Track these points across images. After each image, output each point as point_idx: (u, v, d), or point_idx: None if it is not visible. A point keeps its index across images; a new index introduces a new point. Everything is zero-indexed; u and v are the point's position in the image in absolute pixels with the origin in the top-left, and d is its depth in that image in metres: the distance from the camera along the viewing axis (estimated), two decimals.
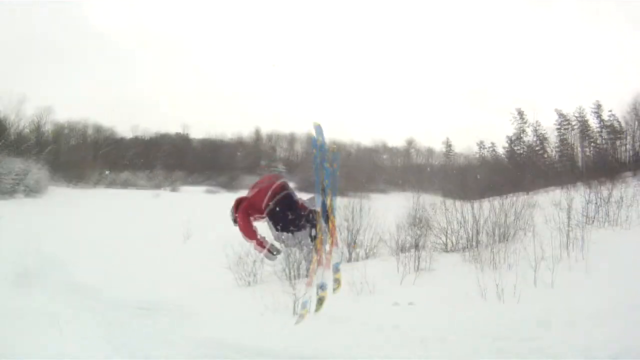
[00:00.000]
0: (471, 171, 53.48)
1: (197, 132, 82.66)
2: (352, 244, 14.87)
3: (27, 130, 47.74)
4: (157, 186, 52.97)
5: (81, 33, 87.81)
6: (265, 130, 74.09)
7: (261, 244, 4.48)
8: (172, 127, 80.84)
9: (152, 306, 10.63)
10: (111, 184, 49.97)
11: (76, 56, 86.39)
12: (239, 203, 4.69)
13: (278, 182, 4.61)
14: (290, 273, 12.02)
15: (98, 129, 60.76)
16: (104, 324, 9.10)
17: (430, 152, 73.87)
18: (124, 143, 62.69)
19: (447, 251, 13.76)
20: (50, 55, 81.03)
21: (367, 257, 14.73)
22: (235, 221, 4.64)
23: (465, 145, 76.77)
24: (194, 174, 61.47)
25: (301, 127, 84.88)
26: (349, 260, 14.41)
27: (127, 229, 24.85)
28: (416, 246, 13.21)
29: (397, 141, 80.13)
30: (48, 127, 51.56)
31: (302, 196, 4.93)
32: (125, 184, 51.27)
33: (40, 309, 9.65)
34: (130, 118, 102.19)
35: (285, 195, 4.54)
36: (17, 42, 70.94)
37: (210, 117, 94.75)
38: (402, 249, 13.43)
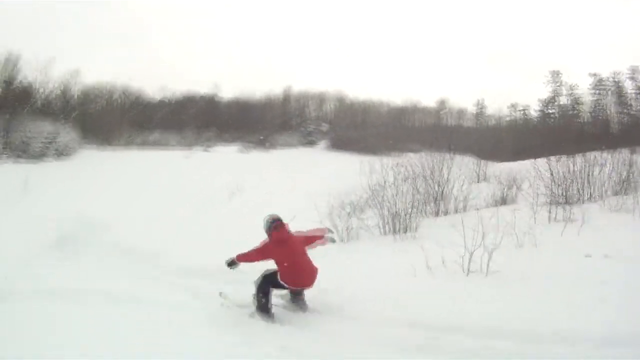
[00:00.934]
0: (504, 133, 57.07)
1: (227, 92, 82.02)
2: None
3: (54, 93, 45.68)
4: (189, 146, 50.90)
5: None
6: (294, 89, 71.97)
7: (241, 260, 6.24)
8: (201, 87, 78.25)
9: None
10: (142, 145, 48.27)
11: (102, 17, 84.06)
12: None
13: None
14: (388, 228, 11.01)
15: (126, 91, 58.69)
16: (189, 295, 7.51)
17: (461, 113, 72.13)
18: (152, 105, 60.67)
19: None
20: (77, 17, 78.88)
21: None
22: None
23: (496, 107, 73.07)
24: (225, 134, 59.91)
25: (331, 87, 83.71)
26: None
27: (166, 189, 23.15)
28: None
29: (428, 101, 77.18)
30: (76, 90, 49.43)
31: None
32: (155, 145, 49.54)
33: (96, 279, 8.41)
34: (158, 79, 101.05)
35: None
36: (43, 4, 68.53)
37: (239, 76, 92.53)
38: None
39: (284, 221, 6.22)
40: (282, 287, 6.00)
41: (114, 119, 50.53)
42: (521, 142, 47.18)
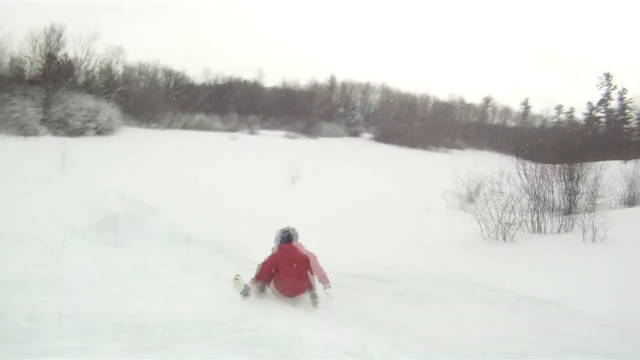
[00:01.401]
0: (551, 134, 52.31)
1: (270, 78, 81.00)
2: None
3: (97, 70, 43.66)
4: (234, 129, 49.24)
5: None
6: (340, 78, 70.75)
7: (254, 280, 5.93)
8: (244, 72, 76.84)
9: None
10: (185, 126, 46.13)
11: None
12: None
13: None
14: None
15: (169, 72, 57.15)
16: None
17: (507, 111, 71.94)
18: (196, 87, 58.75)
19: None
20: None
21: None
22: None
23: (542, 107, 71.49)
24: (270, 119, 58.67)
25: (375, 78, 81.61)
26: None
27: (218, 172, 20.42)
28: None
29: (472, 98, 75.81)
30: (118, 68, 47.36)
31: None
32: (199, 127, 47.38)
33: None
34: (202, 62, 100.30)
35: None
36: None
37: (283, 63, 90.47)
38: None
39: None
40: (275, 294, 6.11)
41: (157, 99, 48.60)
42: (566, 144, 44.41)
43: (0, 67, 33.82)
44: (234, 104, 59.62)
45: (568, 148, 12.49)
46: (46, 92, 31.19)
